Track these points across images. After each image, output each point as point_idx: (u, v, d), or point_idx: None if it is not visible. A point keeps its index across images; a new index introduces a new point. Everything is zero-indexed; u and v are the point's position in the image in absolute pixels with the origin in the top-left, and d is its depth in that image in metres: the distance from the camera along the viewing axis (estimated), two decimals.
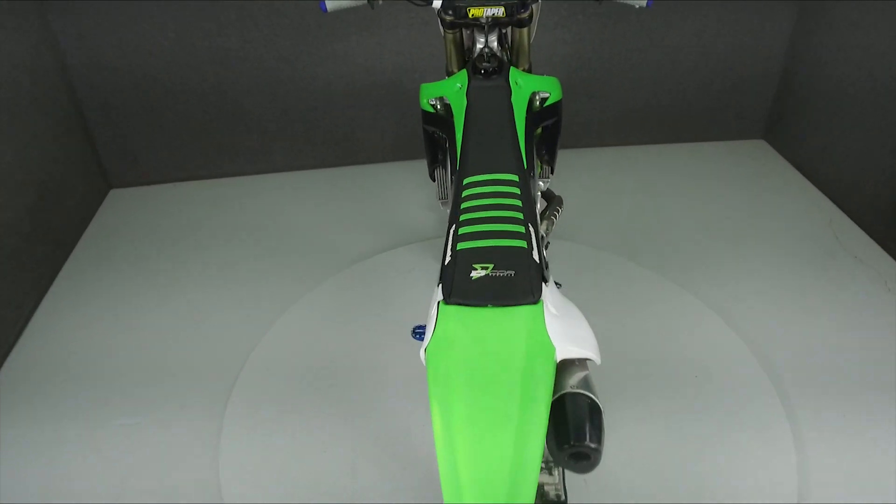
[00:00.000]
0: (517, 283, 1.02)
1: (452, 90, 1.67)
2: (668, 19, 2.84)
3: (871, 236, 2.54)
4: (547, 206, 1.82)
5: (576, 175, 2.99)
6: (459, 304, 1.01)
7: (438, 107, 1.71)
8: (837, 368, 1.97)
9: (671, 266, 2.41)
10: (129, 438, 1.83)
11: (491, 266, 1.05)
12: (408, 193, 2.89)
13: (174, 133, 2.90)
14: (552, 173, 1.85)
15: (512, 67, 1.66)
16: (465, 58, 1.91)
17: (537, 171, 1.78)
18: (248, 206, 2.88)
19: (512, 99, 1.58)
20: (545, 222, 1.75)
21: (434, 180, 1.97)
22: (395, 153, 3.12)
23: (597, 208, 2.77)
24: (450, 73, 1.93)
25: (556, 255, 2.45)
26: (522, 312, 0.99)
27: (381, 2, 1.71)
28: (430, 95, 1.73)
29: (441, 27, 1.77)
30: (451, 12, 1.71)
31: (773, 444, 1.74)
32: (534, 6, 1.71)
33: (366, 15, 2.69)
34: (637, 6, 1.63)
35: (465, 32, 1.83)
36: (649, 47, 2.93)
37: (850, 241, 2.54)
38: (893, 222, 2.43)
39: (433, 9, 1.74)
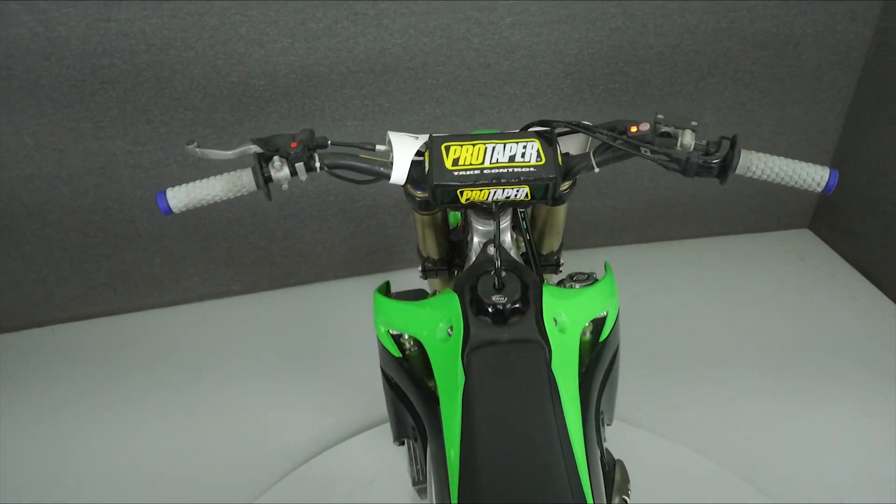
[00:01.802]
0: None
1: (433, 333, 0.95)
2: (699, 88, 2.17)
3: None
4: (609, 486, 1.09)
5: None
6: None
7: (408, 349, 1.00)
8: None
9: (739, 454, 1.73)
10: None
11: None
12: (366, 320, 2.15)
13: (44, 264, 2.12)
14: (609, 423, 1.14)
15: (546, 287, 0.95)
16: (451, 239, 1.20)
17: None
18: (145, 353, 2.11)
19: (553, 366, 0.87)
20: None
21: (402, 444, 1.22)
22: (349, 268, 2.39)
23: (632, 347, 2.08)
24: (425, 259, 1.22)
25: None
26: None
27: (285, 187, 0.98)
28: (390, 324, 1.01)
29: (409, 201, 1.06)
30: (421, 188, 1.00)
31: None
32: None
33: (304, 103, 1.96)
34: (813, 189, 0.93)
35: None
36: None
37: None
38: None
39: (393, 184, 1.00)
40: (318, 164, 0.97)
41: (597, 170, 0.97)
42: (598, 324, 1.03)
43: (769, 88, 2.21)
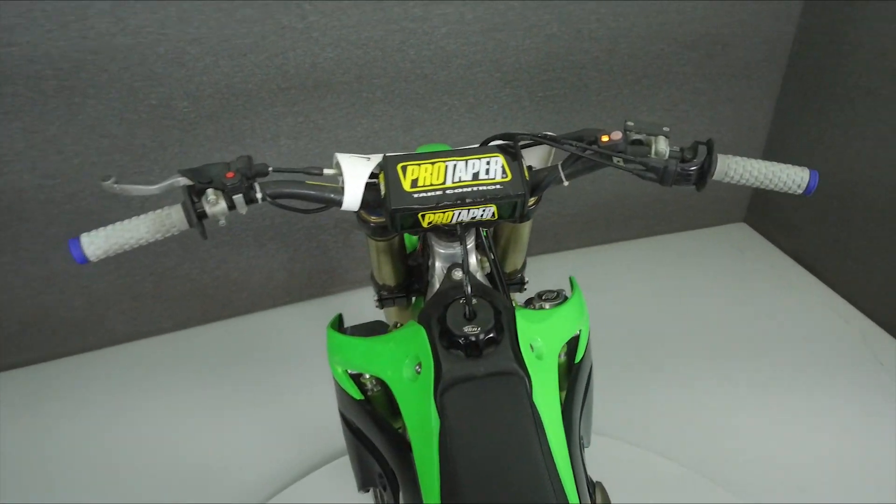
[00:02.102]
0: None
1: (399, 371, 0.86)
2: (635, 91, 2.17)
3: None
4: None
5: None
6: None
7: (370, 389, 0.92)
8: None
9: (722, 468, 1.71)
10: None
11: None
12: (310, 349, 2.04)
13: None
14: (587, 446, 1.08)
15: (519, 311, 0.88)
16: (408, 263, 1.13)
17: None
18: (70, 402, 1.93)
19: (535, 397, 0.80)
20: None
21: (368, 491, 1.12)
22: (289, 293, 2.27)
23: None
24: (380, 287, 1.13)
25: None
26: None
27: (222, 223, 0.87)
28: (348, 363, 0.93)
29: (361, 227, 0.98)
30: (377, 213, 0.92)
31: None
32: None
33: (233, 124, 1.84)
34: (794, 192, 0.89)
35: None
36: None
37: (884, 351, 1.97)
38: None
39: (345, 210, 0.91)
40: (259, 195, 0.86)
41: (566, 183, 0.92)
42: (572, 343, 0.97)
43: (701, 88, 2.24)
